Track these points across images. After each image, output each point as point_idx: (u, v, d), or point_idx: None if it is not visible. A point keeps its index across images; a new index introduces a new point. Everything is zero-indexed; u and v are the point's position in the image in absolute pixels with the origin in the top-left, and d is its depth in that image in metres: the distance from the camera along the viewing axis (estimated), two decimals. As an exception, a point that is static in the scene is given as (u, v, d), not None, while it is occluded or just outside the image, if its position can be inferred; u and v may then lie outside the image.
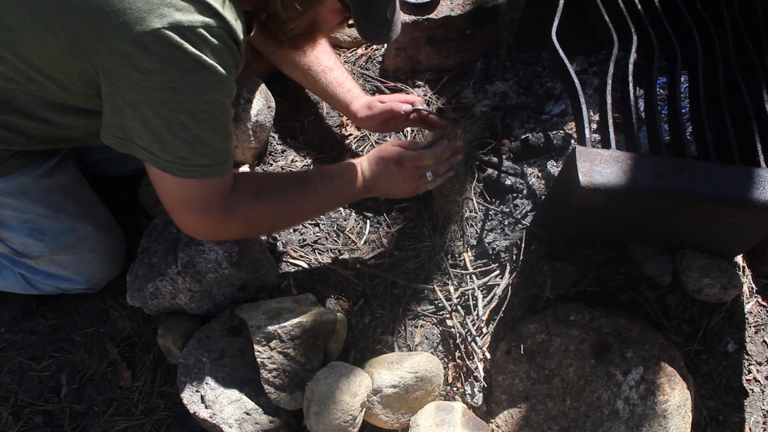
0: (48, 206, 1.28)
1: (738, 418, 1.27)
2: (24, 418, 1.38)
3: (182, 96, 0.92)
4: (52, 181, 1.27)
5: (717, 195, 1.02)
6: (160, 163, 0.98)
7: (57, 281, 1.40)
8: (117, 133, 0.98)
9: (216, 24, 0.90)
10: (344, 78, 1.50)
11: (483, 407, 1.25)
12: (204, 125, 0.96)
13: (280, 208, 1.16)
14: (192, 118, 0.94)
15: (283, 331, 1.17)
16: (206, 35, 0.89)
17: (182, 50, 0.88)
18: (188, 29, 0.88)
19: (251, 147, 1.52)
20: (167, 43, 0.87)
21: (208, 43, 0.90)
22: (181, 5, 0.87)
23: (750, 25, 1.24)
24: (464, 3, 1.61)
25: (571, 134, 1.48)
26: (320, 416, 1.14)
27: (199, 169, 1.00)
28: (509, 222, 1.41)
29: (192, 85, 0.92)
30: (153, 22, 0.86)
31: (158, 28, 0.86)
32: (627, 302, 1.27)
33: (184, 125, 0.94)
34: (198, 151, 0.98)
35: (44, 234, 1.31)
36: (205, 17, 0.89)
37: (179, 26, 0.87)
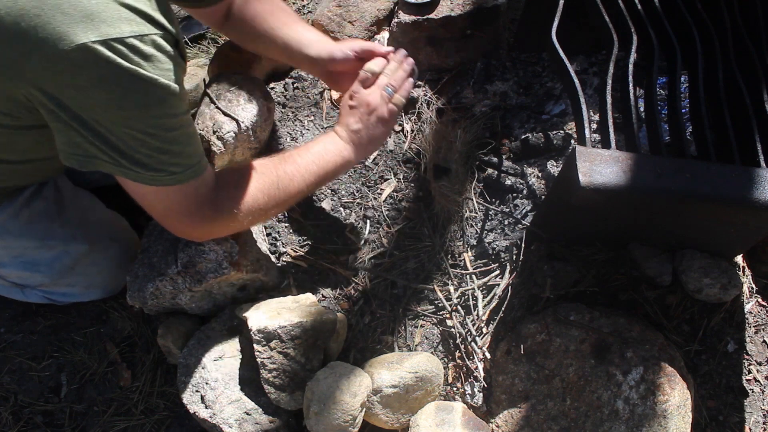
0: (34, 237, 1.24)
1: (738, 418, 1.27)
2: (24, 418, 1.38)
3: (128, 113, 0.86)
4: (31, 210, 1.22)
5: (717, 195, 1.02)
6: (131, 174, 0.93)
7: (74, 297, 1.40)
8: (77, 151, 0.91)
9: (149, 31, 0.83)
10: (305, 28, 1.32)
11: (483, 407, 1.25)
12: (160, 138, 0.91)
13: (264, 191, 1.11)
14: (145, 133, 0.89)
15: (283, 331, 1.17)
16: (139, 45, 0.82)
17: (115, 65, 0.80)
18: (118, 41, 0.80)
19: (251, 147, 1.51)
20: (97, 58, 0.79)
21: (143, 53, 0.82)
22: (107, 15, 0.79)
23: (750, 25, 1.24)
24: (464, 3, 1.61)
25: (571, 134, 1.48)
26: (320, 416, 1.14)
27: (171, 177, 0.95)
28: (509, 222, 1.41)
29: (135, 102, 0.85)
30: (78, 36, 0.78)
31: (84, 43, 0.78)
32: (627, 302, 1.27)
33: (139, 140, 0.89)
34: (163, 161, 0.93)
35: (38, 265, 1.28)
36: (137, 26, 0.82)
37: (107, 39, 0.79)
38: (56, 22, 0.78)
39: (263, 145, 1.59)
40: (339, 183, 1.58)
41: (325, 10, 1.81)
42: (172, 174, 0.95)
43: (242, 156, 1.51)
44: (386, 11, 1.82)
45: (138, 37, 0.81)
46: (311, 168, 1.16)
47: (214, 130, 1.43)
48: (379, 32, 1.84)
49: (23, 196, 1.20)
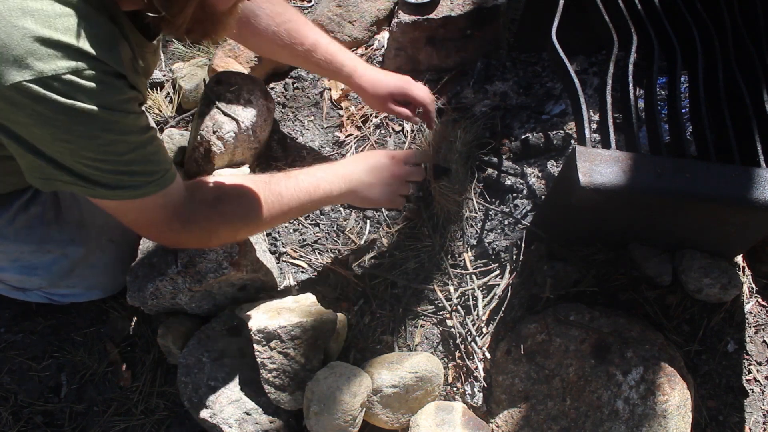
0: (31, 242, 1.24)
1: (738, 418, 1.27)
2: (24, 418, 1.38)
3: (75, 144, 0.85)
4: (28, 215, 1.21)
5: (717, 195, 1.02)
6: (92, 192, 0.93)
7: (75, 297, 1.40)
8: (37, 174, 0.92)
9: (85, 65, 0.81)
10: (333, 50, 1.42)
11: (483, 407, 1.25)
12: (114, 162, 0.90)
13: (240, 217, 1.12)
14: (96, 160, 0.88)
15: (283, 331, 1.17)
16: (76, 80, 0.80)
17: (53, 102, 0.79)
18: (54, 79, 0.78)
19: (251, 147, 1.52)
20: (34, 96, 0.78)
21: (79, 88, 0.80)
22: (42, 52, 0.78)
23: (750, 25, 1.24)
24: (464, 3, 1.61)
25: (571, 134, 1.48)
26: (320, 416, 1.14)
27: (133, 192, 0.94)
28: (509, 222, 1.41)
29: (79, 133, 0.84)
30: (12, 75, 0.77)
31: (19, 82, 0.77)
32: (627, 302, 1.27)
33: (93, 166, 0.89)
34: (122, 180, 0.92)
35: (36, 268, 1.28)
36: (71, 61, 0.79)
37: (42, 77, 0.78)
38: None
39: (263, 145, 1.59)
40: (339, 183, 1.58)
41: (325, 10, 1.81)
42: (134, 188, 0.94)
43: (242, 156, 1.51)
44: (386, 11, 1.83)
45: (74, 71, 0.80)
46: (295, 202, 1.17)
47: (214, 130, 1.43)
48: (379, 32, 1.84)
49: (20, 202, 1.20)
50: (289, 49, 1.38)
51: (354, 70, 1.41)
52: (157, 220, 1.02)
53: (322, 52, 1.40)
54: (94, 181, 0.91)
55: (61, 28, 0.79)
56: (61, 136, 0.84)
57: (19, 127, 0.84)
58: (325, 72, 1.44)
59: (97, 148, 0.87)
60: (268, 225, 1.19)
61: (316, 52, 1.40)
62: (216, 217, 1.09)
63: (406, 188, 1.30)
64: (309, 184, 1.19)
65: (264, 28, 1.36)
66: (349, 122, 1.68)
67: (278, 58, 1.51)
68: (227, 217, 1.10)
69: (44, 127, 0.83)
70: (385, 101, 1.43)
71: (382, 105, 1.44)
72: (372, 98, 1.44)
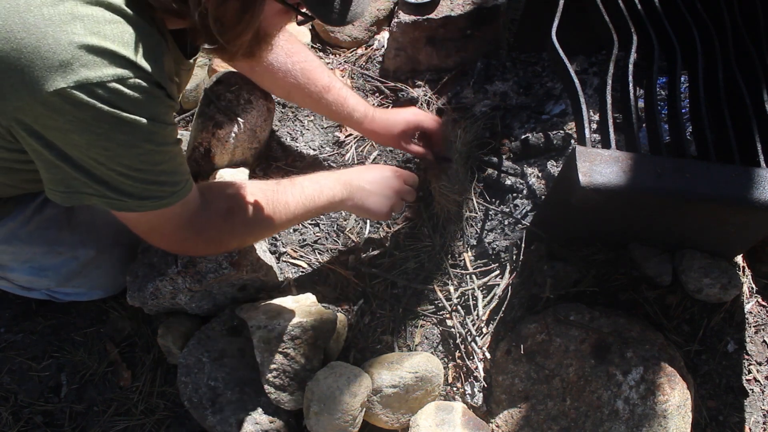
0: (43, 243, 1.24)
1: (738, 418, 1.27)
2: (24, 418, 1.38)
3: (112, 152, 0.85)
4: (42, 217, 1.22)
5: (717, 195, 1.02)
6: (116, 204, 0.93)
7: (76, 297, 1.41)
8: (60, 188, 0.92)
9: (131, 74, 0.81)
10: (346, 94, 1.46)
11: (483, 407, 1.25)
12: (147, 172, 0.91)
13: (250, 228, 1.15)
14: (131, 168, 0.89)
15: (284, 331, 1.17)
16: (120, 89, 0.80)
17: (96, 110, 0.79)
18: (98, 86, 0.79)
19: (251, 147, 1.52)
20: (77, 103, 0.78)
21: (123, 96, 0.81)
22: (87, 59, 0.78)
23: (750, 25, 1.24)
24: (464, 3, 1.61)
25: (571, 134, 1.48)
26: (320, 416, 1.14)
27: (157, 202, 0.96)
28: (509, 222, 1.41)
29: (118, 141, 0.84)
30: (57, 81, 0.77)
31: (63, 88, 0.77)
32: (627, 302, 1.27)
33: (125, 175, 0.89)
34: (150, 190, 0.94)
35: (46, 270, 1.29)
36: (117, 68, 0.80)
37: (87, 84, 0.78)
38: (35, 67, 0.77)
39: (263, 145, 1.59)
40: (339, 183, 1.58)
41: (325, 10, 1.81)
42: (158, 199, 0.96)
43: (242, 156, 1.51)
44: (386, 11, 1.83)
45: (119, 80, 0.80)
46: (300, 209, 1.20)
47: (214, 130, 1.43)
48: (379, 32, 1.84)
49: (35, 203, 1.20)
50: (302, 89, 1.43)
51: (365, 116, 1.46)
52: (172, 230, 1.04)
53: (335, 95, 1.44)
54: (122, 191, 0.91)
55: (109, 36, 0.80)
56: (100, 143, 0.84)
57: (55, 134, 0.84)
58: (336, 115, 1.47)
59: (134, 158, 0.88)
60: (274, 232, 1.25)
61: (329, 94, 1.44)
62: (227, 228, 1.12)
63: (400, 206, 1.35)
64: (313, 191, 1.21)
65: (279, 66, 1.40)
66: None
67: (290, 98, 1.54)
68: (237, 228, 1.13)
69: (83, 134, 0.83)
70: (399, 140, 1.47)
71: (397, 144, 1.49)
72: (387, 140, 1.50)
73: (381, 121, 1.46)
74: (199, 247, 1.13)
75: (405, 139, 1.47)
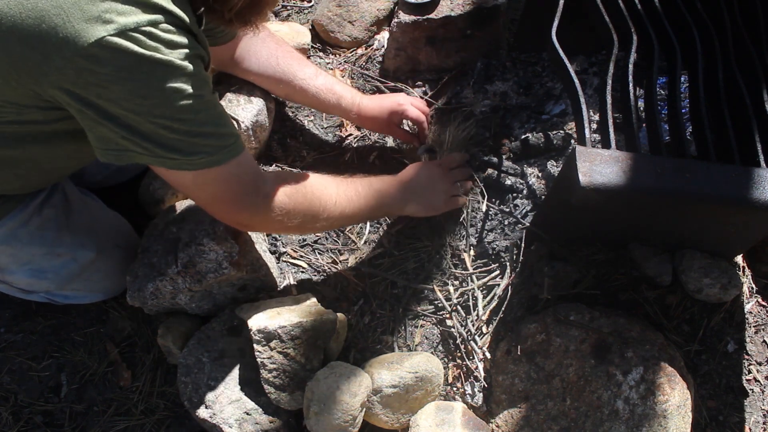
0: (43, 244, 1.24)
1: (738, 418, 1.27)
2: (24, 418, 1.38)
3: (153, 100, 0.88)
4: (42, 218, 1.22)
5: (717, 195, 1.02)
6: (167, 162, 0.95)
7: (77, 299, 1.41)
8: (111, 146, 0.93)
9: (164, 19, 0.85)
10: (332, 81, 1.50)
11: (483, 407, 1.25)
12: (189, 122, 0.92)
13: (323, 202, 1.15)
14: (173, 119, 0.90)
15: (283, 331, 1.17)
16: (155, 32, 0.84)
17: (135, 54, 0.83)
18: (135, 31, 0.82)
19: (251, 147, 1.52)
20: (117, 50, 0.81)
21: (159, 39, 0.85)
22: (122, 8, 0.82)
23: (750, 25, 1.24)
24: (464, 3, 1.61)
25: (571, 134, 1.48)
26: (320, 416, 1.14)
27: (208, 158, 0.96)
28: (509, 222, 1.41)
29: (157, 86, 0.87)
30: (97, 31, 0.80)
31: (103, 37, 0.80)
32: (627, 302, 1.27)
33: (169, 127, 0.91)
34: (197, 144, 0.94)
35: (46, 272, 1.28)
36: (150, 14, 0.84)
37: (125, 30, 0.81)
38: (75, 20, 0.80)
39: (263, 145, 1.59)
40: (339, 183, 1.58)
41: (325, 10, 1.81)
42: (209, 154, 0.95)
43: (242, 156, 1.51)
44: (386, 11, 1.83)
45: (153, 24, 0.84)
46: (368, 203, 1.24)
47: (214, 130, 1.43)
48: (379, 32, 1.84)
49: (34, 204, 1.20)
50: (289, 81, 1.47)
51: (353, 102, 1.50)
52: (234, 193, 1.03)
53: (322, 82, 1.48)
54: (169, 146, 0.92)
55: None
56: (140, 91, 0.86)
57: (97, 90, 0.85)
58: (325, 103, 1.50)
59: (173, 104, 0.89)
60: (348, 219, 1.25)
61: (316, 81, 1.48)
62: (299, 198, 1.11)
63: (458, 189, 1.41)
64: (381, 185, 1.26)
65: (265, 60, 1.45)
66: (349, 122, 1.68)
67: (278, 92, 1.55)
68: (310, 199, 1.13)
69: (124, 83, 0.84)
70: (386, 126, 1.52)
71: (385, 129, 1.54)
72: (374, 125, 1.54)
73: (368, 108, 1.50)
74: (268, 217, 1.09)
75: (392, 125, 1.52)
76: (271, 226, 1.19)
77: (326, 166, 1.60)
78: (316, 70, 1.50)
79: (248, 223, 1.13)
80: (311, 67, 1.50)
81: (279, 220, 1.11)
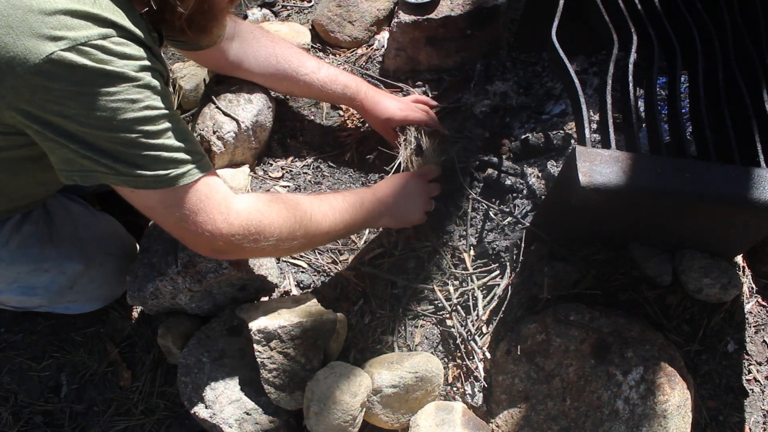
0: (27, 261, 1.22)
1: (738, 418, 1.27)
2: (24, 418, 1.38)
3: (109, 114, 0.85)
4: (22, 235, 1.20)
5: (717, 195, 1.02)
6: (132, 181, 0.91)
7: (76, 310, 1.41)
8: (74, 167, 0.91)
9: (115, 33, 0.84)
10: (336, 71, 1.49)
11: (483, 407, 1.25)
12: (150, 135, 0.89)
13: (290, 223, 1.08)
14: (132, 131, 0.88)
15: (283, 331, 1.17)
16: (107, 45, 0.83)
17: (86, 69, 0.82)
18: (86, 45, 0.81)
19: (251, 147, 1.52)
20: (69, 65, 0.81)
21: (111, 52, 0.83)
22: (72, 23, 0.81)
23: (750, 25, 1.24)
24: (464, 3, 1.61)
25: (571, 134, 1.48)
26: (320, 416, 1.14)
27: (173, 175, 0.93)
28: (509, 222, 1.41)
29: (112, 99, 0.85)
30: (47, 47, 0.79)
31: (54, 52, 0.80)
32: (627, 302, 1.27)
33: (130, 141, 0.88)
34: (160, 158, 0.91)
35: (35, 288, 1.27)
36: (101, 28, 0.83)
37: (75, 45, 0.80)
38: (24, 38, 0.79)
39: (263, 145, 1.59)
40: (340, 183, 1.58)
41: (325, 10, 1.81)
42: (175, 170, 0.93)
43: (242, 156, 1.51)
44: (386, 11, 1.83)
45: (104, 37, 0.83)
46: (344, 216, 1.20)
47: (214, 130, 1.43)
48: (379, 32, 1.84)
49: (11, 222, 1.18)
50: (292, 74, 1.46)
51: (357, 91, 1.49)
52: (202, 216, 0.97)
53: (325, 73, 1.48)
54: (132, 163, 0.90)
55: (88, 2, 0.83)
56: (95, 104, 0.84)
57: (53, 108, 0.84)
58: (329, 94, 1.49)
59: (129, 117, 0.87)
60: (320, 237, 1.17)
61: (320, 72, 1.47)
62: (273, 215, 1.06)
63: (430, 204, 1.40)
64: (355, 199, 1.23)
65: (266, 57, 1.44)
66: (349, 122, 1.68)
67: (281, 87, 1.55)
68: (284, 216, 1.07)
69: (79, 98, 0.83)
70: (383, 126, 1.52)
71: (380, 128, 1.54)
72: (372, 121, 1.54)
73: (371, 103, 1.50)
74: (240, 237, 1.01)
75: (388, 128, 1.51)
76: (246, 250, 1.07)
77: (326, 166, 1.61)
78: (318, 63, 1.48)
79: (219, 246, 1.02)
80: (312, 60, 1.48)
81: (254, 239, 1.04)
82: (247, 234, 1.03)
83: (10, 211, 1.18)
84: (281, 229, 1.07)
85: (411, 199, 1.34)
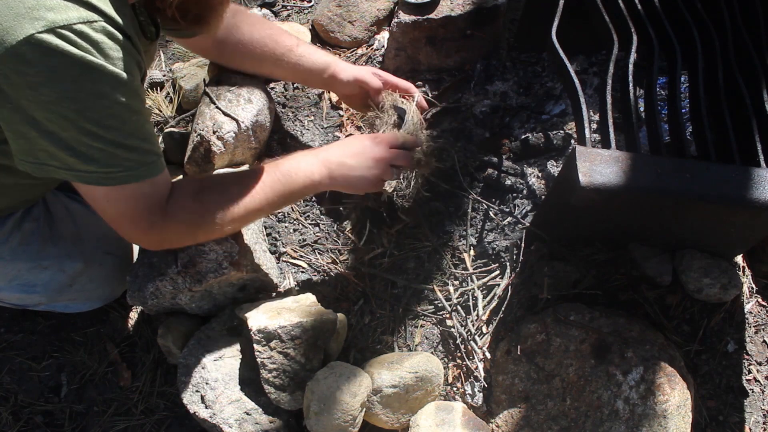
0: (27, 259, 1.22)
1: (738, 418, 1.27)
2: (24, 418, 1.38)
3: (81, 104, 0.83)
4: (23, 233, 1.20)
5: (717, 195, 1.02)
6: (82, 176, 0.90)
7: (75, 308, 1.40)
8: (29, 158, 0.90)
9: (97, 18, 0.81)
10: (312, 49, 1.44)
11: (483, 407, 1.25)
12: (115, 131, 0.88)
13: (223, 206, 1.08)
14: (99, 125, 0.86)
15: (283, 331, 1.17)
16: (87, 31, 0.79)
17: (64, 54, 0.78)
18: (65, 28, 0.78)
19: (251, 147, 1.51)
20: (46, 48, 0.77)
21: (90, 40, 0.80)
22: (52, 3, 0.77)
23: (750, 25, 1.24)
24: (464, 3, 1.61)
25: (571, 134, 1.48)
26: (320, 416, 1.14)
27: (125, 174, 0.92)
28: (509, 222, 1.41)
29: (87, 90, 0.83)
30: (24, 28, 0.76)
31: (32, 34, 0.76)
32: (627, 302, 1.27)
33: (94, 134, 0.86)
34: (117, 156, 0.90)
35: (34, 286, 1.27)
36: (83, 11, 0.79)
37: (54, 27, 0.77)
38: (3, 18, 0.76)
39: (263, 145, 1.59)
40: (339, 183, 1.58)
41: (325, 10, 1.81)
42: (127, 169, 0.92)
43: (242, 156, 1.51)
44: (386, 11, 1.83)
45: (85, 22, 0.80)
46: (276, 187, 1.13)
47: (214, 130, 1.43)
48: (379, 32, 1.84)
49: (12, 220, 1.18)
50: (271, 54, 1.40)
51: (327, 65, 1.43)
52: (140, 213, 0.99)
53: (302, 50, 1.42)
54: (88, 157, 0.88)
55: None
56: (68, 93, 0.82)
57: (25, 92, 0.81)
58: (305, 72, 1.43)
59: (101, 110, 0.86)
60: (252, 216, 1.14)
61: (298, 49, 1.41)
62: (198, 209, 1.06)
63: (390, 173, 1.23)
64: (290, 168, 1.15)
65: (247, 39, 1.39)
66: (349, 122, 1.68)
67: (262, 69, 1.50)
68: (210, 207, 1.07)
69: (53, 85, 0.81)
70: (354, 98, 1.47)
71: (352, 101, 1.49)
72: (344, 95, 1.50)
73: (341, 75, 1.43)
74: (173, 234, 1.07)
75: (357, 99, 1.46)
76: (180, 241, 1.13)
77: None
78: (297, 40, 1.43)
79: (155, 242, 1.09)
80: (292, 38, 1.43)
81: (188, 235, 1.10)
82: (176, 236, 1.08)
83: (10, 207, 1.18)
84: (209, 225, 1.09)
85: (363, 163, 1.20)
